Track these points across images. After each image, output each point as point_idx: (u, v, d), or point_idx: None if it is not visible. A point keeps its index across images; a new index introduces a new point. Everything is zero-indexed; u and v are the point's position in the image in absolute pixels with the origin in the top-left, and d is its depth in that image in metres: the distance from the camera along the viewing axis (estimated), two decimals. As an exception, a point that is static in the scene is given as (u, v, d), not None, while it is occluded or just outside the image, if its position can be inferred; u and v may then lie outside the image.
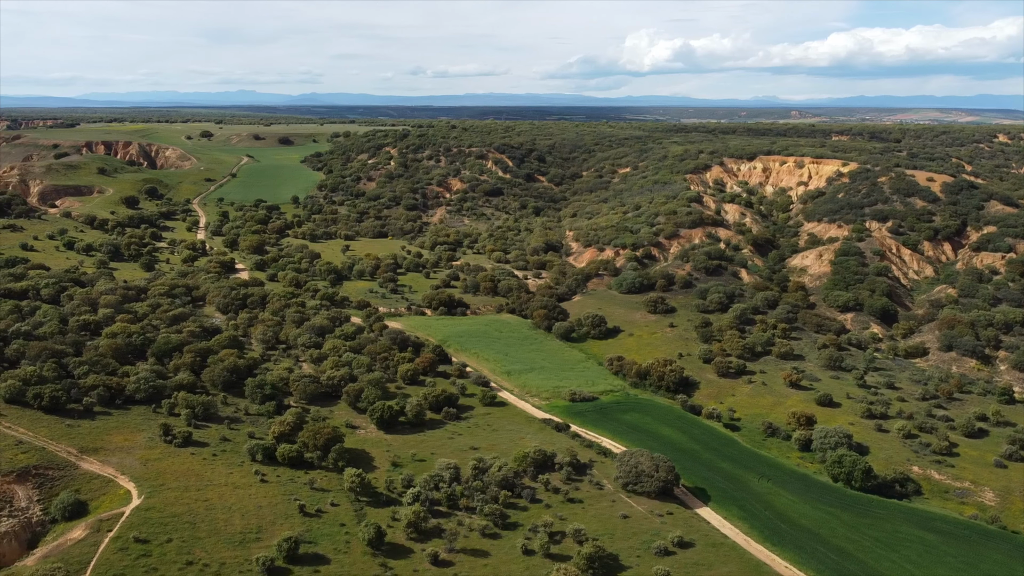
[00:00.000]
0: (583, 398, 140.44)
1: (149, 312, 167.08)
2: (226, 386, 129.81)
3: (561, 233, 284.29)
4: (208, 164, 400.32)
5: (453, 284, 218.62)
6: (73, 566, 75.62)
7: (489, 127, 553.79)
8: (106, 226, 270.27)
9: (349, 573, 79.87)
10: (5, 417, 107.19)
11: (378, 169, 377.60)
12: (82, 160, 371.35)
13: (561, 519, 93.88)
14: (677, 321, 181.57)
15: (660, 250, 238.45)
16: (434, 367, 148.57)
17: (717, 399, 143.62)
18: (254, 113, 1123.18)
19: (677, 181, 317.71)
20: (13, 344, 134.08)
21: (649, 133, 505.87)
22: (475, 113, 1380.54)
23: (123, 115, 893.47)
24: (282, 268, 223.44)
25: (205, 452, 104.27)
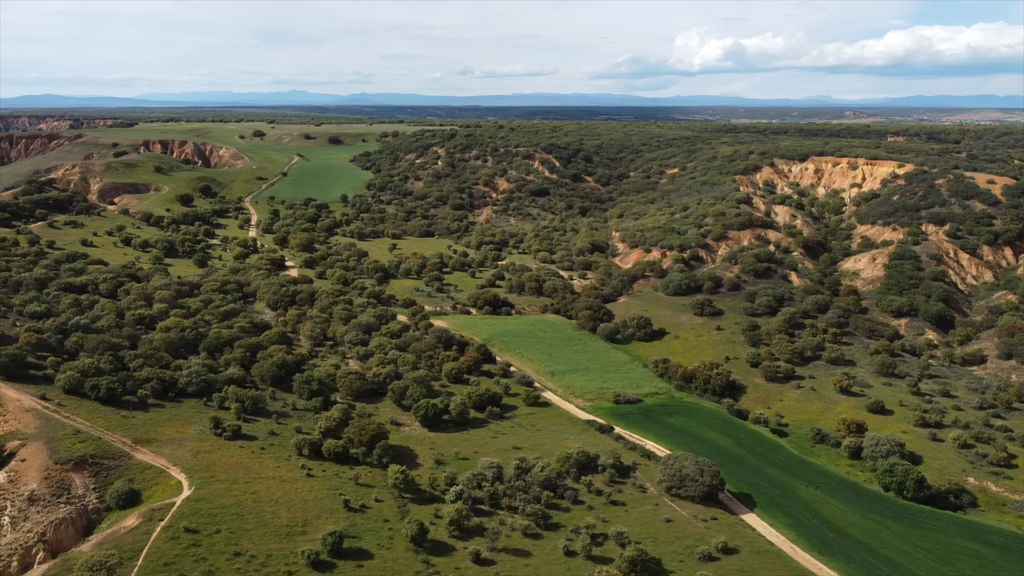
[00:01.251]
0: (627, 400, 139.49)
1: (202, 307, 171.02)
2: (275, 381, 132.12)
3: (607, 234, 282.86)
4: (260, 163, 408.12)
5: (498, 284, 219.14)
6: (126, 553, 77.71)
7: (536, 127, 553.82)
8: (162, 223, 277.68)
9: (392, 569, 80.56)
10: (64, 407, 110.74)
11: (426, 169, 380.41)
12: (140, 159, 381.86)
13: (603, 521, 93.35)
14: (724, 324, 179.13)
15: (708, 252, 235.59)
16: (478, 366, 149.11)
17: (764, 404, 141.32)
18: (305, 113, 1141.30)
19: (726, 182, 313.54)
20: (72, 336, 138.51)
21: (698, 133, 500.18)
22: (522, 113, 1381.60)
23: (179, 115, 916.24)
24: (330, 266, 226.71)
25: (253, 445, 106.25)
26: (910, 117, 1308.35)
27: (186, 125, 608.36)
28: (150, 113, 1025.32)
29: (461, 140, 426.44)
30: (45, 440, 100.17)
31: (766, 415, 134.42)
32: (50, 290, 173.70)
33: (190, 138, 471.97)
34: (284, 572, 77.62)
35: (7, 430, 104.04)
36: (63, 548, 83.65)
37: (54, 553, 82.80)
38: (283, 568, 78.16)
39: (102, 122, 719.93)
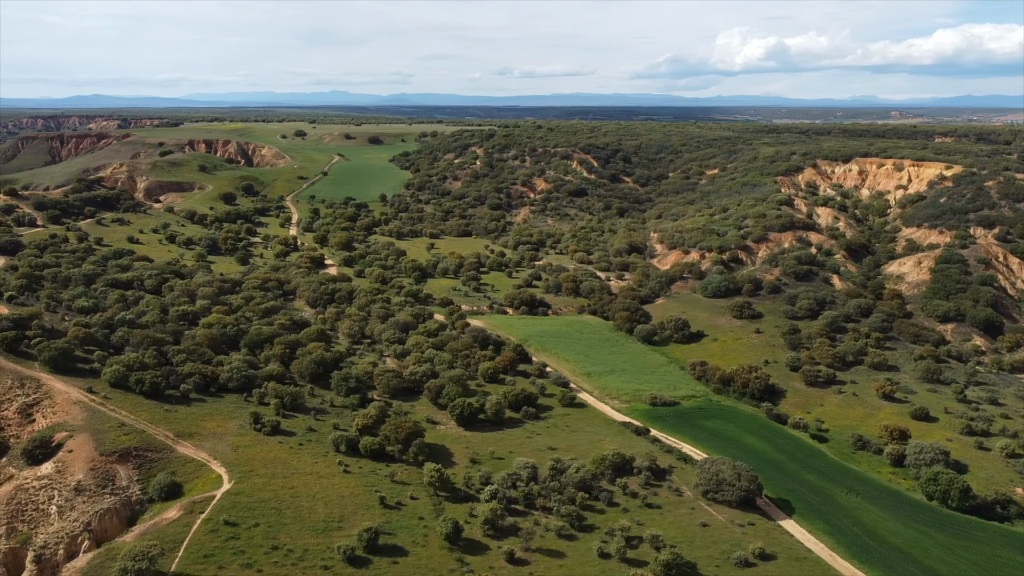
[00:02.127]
0: (664, 402, 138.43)
1: (243, 304, 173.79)
2: (313, 378, 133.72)
3: (645, 235, 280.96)
4: (301, 162, 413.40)
5: (535, 284, 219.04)
6: (168, 544, 79.32)
7: (575, 127, 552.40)
8: (205, 221, 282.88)
9: (427, 566, 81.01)
10: (110, 400, 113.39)
11: (464, 169, 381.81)
12: (184, 158, 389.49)
13: (638, 524, 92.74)
14: (764, 327, 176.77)
15: (747, 254, 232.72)
16: (514, 366, 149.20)
17: (804, 409, 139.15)
18: (346, 113, 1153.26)
19: (767, 183, 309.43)
20: (118, 331, 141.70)
21: (739, 134, 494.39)
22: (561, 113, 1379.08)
23: (223, 115, 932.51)
24: (369, 265, 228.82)
25: (292, 441, 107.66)
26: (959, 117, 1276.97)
27: (229, 125, 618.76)
28: (195, 113, 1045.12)
29: (499, 140, 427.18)
30: (91, 432, 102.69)
31: (806, 420, 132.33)
32: (97, 286, 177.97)
33: (233, 138, 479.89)
34: (320, 567, 78.55)
35: (55, 421, 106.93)
36: (107, 538, 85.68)
37: (99, 542, 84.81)
38: (319, 563, 79.11)
39: (149, 122, 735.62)
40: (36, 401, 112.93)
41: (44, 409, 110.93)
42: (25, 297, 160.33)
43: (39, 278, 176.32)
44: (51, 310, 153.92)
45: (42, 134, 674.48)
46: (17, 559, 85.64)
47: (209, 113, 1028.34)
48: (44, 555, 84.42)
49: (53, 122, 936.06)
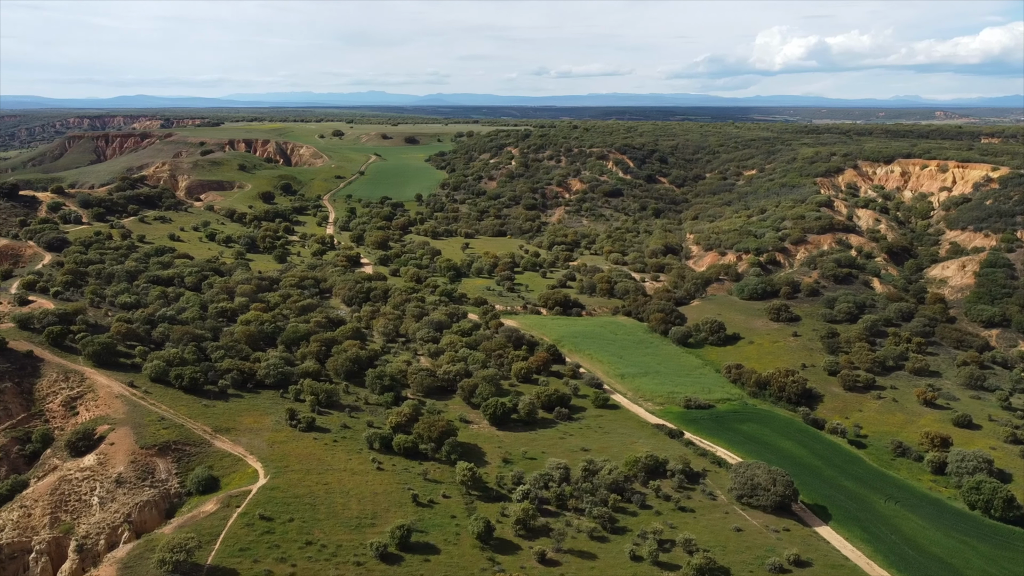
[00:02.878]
0: (698, 405, 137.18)
1: (280, 302, 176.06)
2: (348, 375, 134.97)
3: (681, 236, 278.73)
4: (338, 162, 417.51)
5: (569, 284, 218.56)
6: (205, 537, 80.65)
7: (611, 127, 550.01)
8: (244, 219, 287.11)
9: (458, 565, 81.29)
10: (150, 395, 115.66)
11: (499, 169, 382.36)
12: (225, 157, 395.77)
13: (671, 527, 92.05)
14: (801, 330, 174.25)
15: (785, 256, 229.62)
16: (548, 366, 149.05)
17: (842, 414, 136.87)
18: (383, 113, 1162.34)
19: (806, 184, 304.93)
20: (159, 327, 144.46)
21: (778, 134, 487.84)
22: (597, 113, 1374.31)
23: (263, 115, 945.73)
24: (404, 264, 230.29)
25: (326, 438, 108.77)
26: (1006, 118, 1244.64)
27: (269, 125, 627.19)
28: (235, 113, 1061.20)
29: (535, 140, 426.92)
30: (132, 425, 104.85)
31: (844, 425, 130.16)
32: (139, 282, 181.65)
33: (272, 137, 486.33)
34: (353, 563, 79.28)
35: (98, 414, 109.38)
36: (146, 529, 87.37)
37: (138, 534, 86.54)
38: (352, 559, 79.84)
39: (191, 121, 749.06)
40: (80, 394, 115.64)
41: (87, 402, 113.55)
42: (70, 293, 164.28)
43: (84, 274, 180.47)
44: (95, 305, 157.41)
45: (88, 134, 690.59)
46: (60, 548, 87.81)
47: (249, 113, 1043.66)
48: (86, 545, 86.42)
49: (99, 122, 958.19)
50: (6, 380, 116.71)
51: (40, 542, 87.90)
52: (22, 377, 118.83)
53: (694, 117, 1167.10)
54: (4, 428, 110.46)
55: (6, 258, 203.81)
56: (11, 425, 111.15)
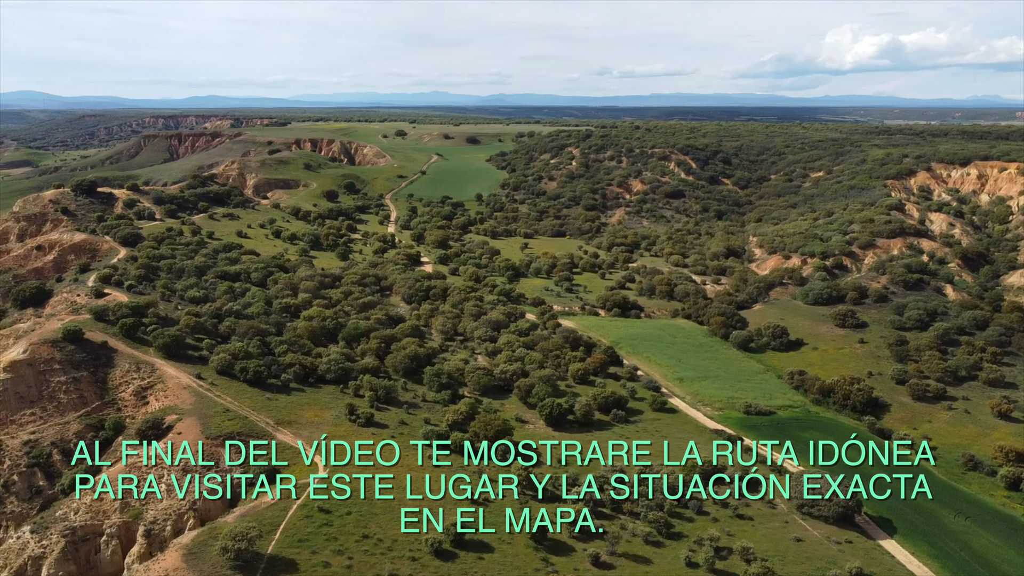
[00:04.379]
0: (759, 411, 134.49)
1: (342, 299, 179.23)
2: (406, 372, 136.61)
3: (744, 238, 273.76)
4: (401, 161, 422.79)
5: (628, 286, 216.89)
6: (265, 527, 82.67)
7: (673, 128, 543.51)
8: (308, 217, 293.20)
9: (512, 564, 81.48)
10: (216, 387, 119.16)
11: (560, 169, 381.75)
12: (291, 156, 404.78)
13: (728, 535, 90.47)
14: (868, 337, 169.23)
15: (853, 260, 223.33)
16: (605, 368, 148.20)
17: (910, 424, 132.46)
18: (445, 113, 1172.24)
19: (876, 187, 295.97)
20: (226, 321, 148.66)
21: (847, 135, 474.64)
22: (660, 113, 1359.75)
23: (328, 115, 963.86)
24: (463, 263, 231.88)
25: (384, 433, 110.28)
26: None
27: (334, 124, 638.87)
28: (302, 113, 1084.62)
29: (596, 141, 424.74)
30: (199, 416, 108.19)
31: (912, 436, 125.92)
32: (208, 277, 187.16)
33: (337, 137, 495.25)
34: (408, 557, 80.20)
35: (167, 404, 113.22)
36: (210, 517, 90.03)
37: (202, 521, 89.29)
38: (407, 554, 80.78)
39: (259, 121, 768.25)
40: (150, 385, 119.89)
41: (157, 392, 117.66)
42: (143, 286, 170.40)
43: (156, 269, 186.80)
44: (166, 299, 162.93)
45: (162, 133, 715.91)
46: (130, 532, 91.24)
47: (315, 113, 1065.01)
48: (153, 530, 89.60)
49: (172, 121, 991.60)
50: (83, 369, 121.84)
51: (111, 526, 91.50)
52: (97, 367, 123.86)
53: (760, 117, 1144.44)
54: (80, 415, 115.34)
55: (84, 252, 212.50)
56: (86, 412, 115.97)
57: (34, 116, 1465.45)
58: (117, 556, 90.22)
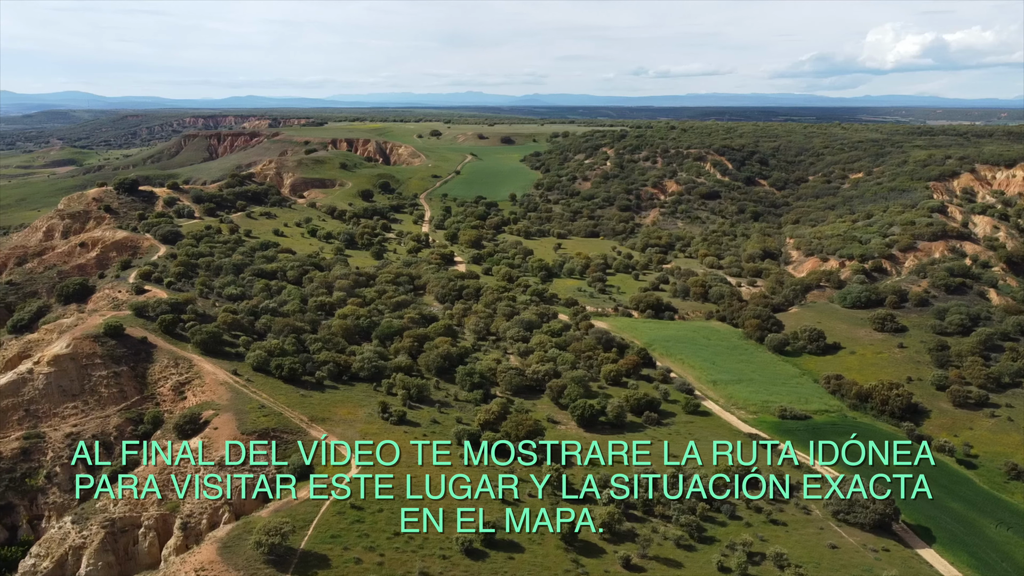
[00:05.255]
0: (794, 416, 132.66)
1: (376, 297, 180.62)
2: (439, 371, 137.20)
3: (780, 240, 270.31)
4: (435, 161, 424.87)
5: (662, 287, 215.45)
6: (298, 522, 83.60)
7: (709, 128, 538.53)
8: (344, 216, 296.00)
9: (542, 564, 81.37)
10: (252, 383, 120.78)
11: (594, 169, 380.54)
12: (327, 156, 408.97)
13: (762, 540, 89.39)
14: (908, 342, 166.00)
15: (892, 263, 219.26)
16: (637, 370, 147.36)
17: (951, 431, 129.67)
18: (480, 113, 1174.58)
19: (917, 189, 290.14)
20: (262, 318, 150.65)
21: (887, 136, 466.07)
22: (696, 113, 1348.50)
23: (364, 115, 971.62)
24: (496, 263, 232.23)
25: (416, 432, 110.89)
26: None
27: (370, 124, 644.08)
28: (338, 113, 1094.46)
29: (631, 141, 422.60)
30: (234, 412, 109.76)
31: (952, 444, 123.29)
32: (245, 275, 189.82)
33: (373, 137, 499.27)
34: (439, 556, 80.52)
35: (203, 400, 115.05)
36: (245, 511, 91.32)
37: (237, 515, 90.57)
38: (438, 552, 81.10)
39: (296, 121, 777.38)
40: (188, 380, 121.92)
41: (194, 388, 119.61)
42: (182, 283, 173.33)
43: (195, 266, 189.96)
44: (204, 296, 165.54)
45: (202, 132, 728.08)
46: (167, 524, 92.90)
47: (351, 113, 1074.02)
48: (189, 523, 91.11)
49: (212, 121, 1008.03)
50: (123, 364, 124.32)
51: (148, 518, 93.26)
52: (137, 362, 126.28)
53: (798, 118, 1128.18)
54: (120, 409, 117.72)
55: (126, 249, 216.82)
56: (126, 406, 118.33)
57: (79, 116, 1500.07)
58: (154, 548, 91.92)
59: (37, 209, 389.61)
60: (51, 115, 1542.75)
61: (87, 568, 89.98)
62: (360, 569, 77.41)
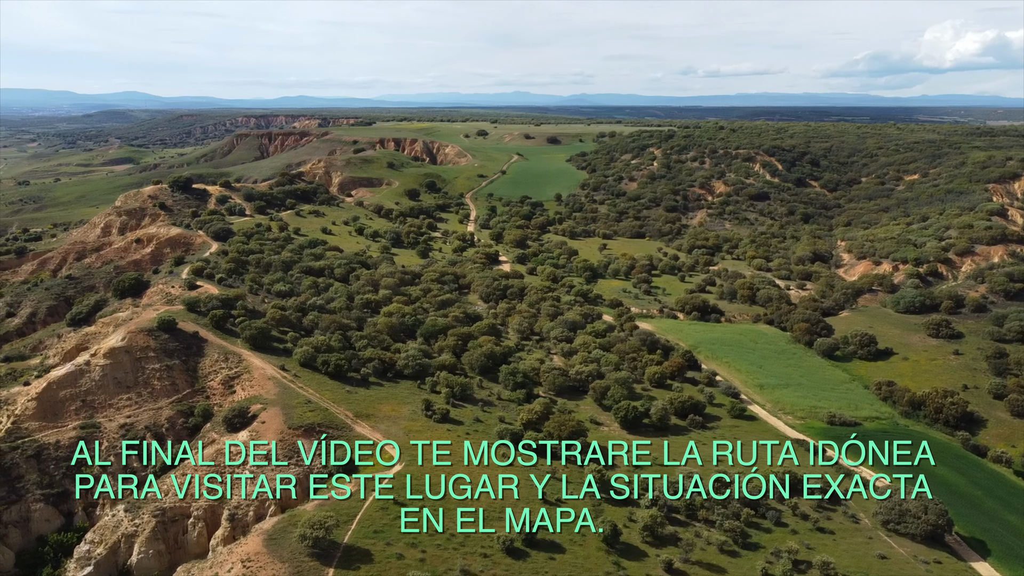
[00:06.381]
0: (843, 422, 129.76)
1: (421, 296, 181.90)
2: (482, 370, 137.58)
3: (831, 243, 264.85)
4: (481, 161, 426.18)
5: (708, 289, 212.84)
6: (342, 516, 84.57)
7: (759, 128, 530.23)
8: (390, 215, 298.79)
9: (583, 566, 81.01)
10: (299, 378, 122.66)
11: (641, 170, 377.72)
12: (375, 155, 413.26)
13: (808, 548, 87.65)
14: (964, 348, 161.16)
15: (948, 267, 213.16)
16: (682, 372, 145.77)
17: (1008, 441, 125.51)
18: (526, 113, 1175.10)
19: (976, 191, 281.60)
20: (309, 315, 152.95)
21: (945, 136, 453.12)
22: (746, 114, 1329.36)
23: (412, 115, 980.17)
24: (541, 263, 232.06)
25: (459, 430, 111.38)
26: None
27: (417, 124, 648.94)
28: (386, 113, 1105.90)
29: (679, 141, 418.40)
30: (282, 406, 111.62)
31: (1009, 454, 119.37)
32: (294, 272, 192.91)
33: (420, 136, 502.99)
34: (480, 554, 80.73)
35: (252, 394, 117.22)
36: (290, 505, 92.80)
37: (283, 508, 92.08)
38: (479, 550, 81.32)
39: (345, 121, 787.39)
40: (237, 375, 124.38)
41: (243, 382, 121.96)
42: (232, 280, 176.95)
43: (245, 263, 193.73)
44: (253, 292, 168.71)
45: (253, 132, 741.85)
46: (215, 515, 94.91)
47: (399, 113, 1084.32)
48: (237, 514, 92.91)
49: (263, 121, 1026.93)
50: (175, 357, 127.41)
51: (197, 508, 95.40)
52: (188, 356, 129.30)
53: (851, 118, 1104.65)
54: (172, 401, 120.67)
55: (179, 246, 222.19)
56: (178, 399, 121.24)
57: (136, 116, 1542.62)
58: (203, 538, 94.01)
59: (96, 206, 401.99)
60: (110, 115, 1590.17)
61: (138, 555, 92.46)
62: (402, 565, 78.02)
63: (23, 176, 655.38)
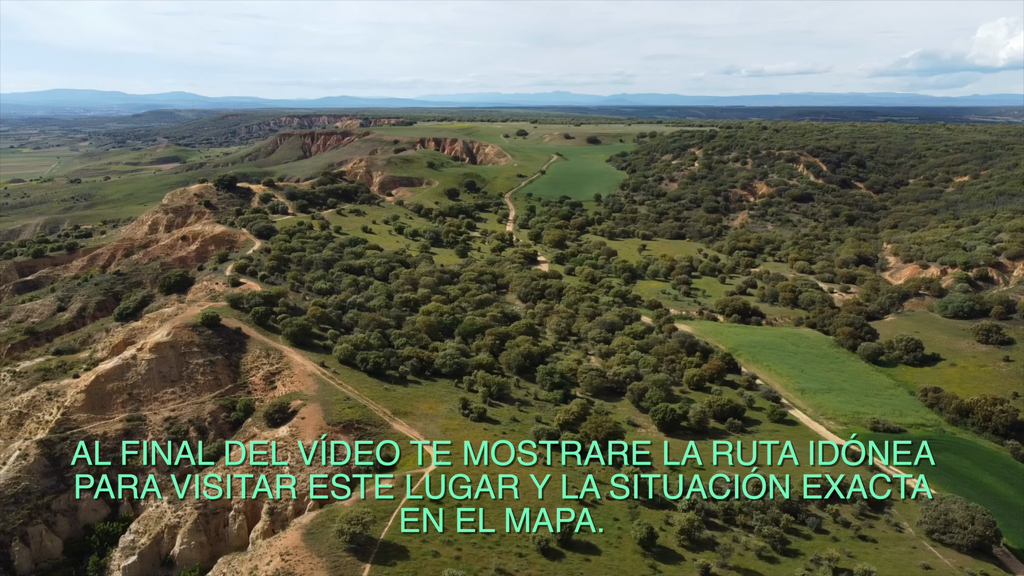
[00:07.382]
0: (887, 428, 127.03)
1: (459, 295, 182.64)
2: (519, 370, 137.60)
3: (877, 245, 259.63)
4: (521, 161, 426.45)
5: (749, 291, 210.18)
6: (379, 513, 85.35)
7: (803, 128, 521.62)
8: (430, 215, 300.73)
9: (619, 568, 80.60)
10: (338, 375, 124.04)
11: (681, 170, 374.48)
12: (415, 155, 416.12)
13: (849, 556, 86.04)
14: (1015, 355, 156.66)
15: (999, 272, 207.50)
16: (721, 375, 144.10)
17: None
18: (566, 113, 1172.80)
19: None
20: (349, 313, 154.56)
21: (997, 137, 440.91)
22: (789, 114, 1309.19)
23: (452, 115, 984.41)
24: (579, 263, 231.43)
25: (496, 429, 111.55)
26: None
27: (457, 124, 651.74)
28: (427, 113, 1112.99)
29: (720, 141, 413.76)
30: (321, 403, 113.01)
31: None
32: (334, 270, 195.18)
33: (460, 136, 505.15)
34: (515, 553, 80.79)
35: (292, 390, 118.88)
36: (328, 500, 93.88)
37: (321, 503, 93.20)
38: (515, 549, 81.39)
39: (386, 121, 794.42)
40: (278, 370, 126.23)
41: (284, 378, 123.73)
42: (275, 277, 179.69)
43: (287, 260, 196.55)
44: (295, 290, 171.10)
45: (296, 131, 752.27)
46: (255, 509, 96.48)
47: (440, 113, 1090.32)
48: (276, 508, 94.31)
49: (306, 120, 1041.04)
50: (218, 353, 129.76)
51: (238, 502, 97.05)
52: (231, 351, 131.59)
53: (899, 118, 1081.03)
54: (214, 395, 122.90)
55: (223, 243, 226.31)
56: (220, 394, 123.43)
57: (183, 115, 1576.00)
58: (243, 531, 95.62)
59: (144, 204, 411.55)
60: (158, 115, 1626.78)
61: (181, 546, 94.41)
62: (438, 562, 78.45)
63: (75, 174, 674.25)
